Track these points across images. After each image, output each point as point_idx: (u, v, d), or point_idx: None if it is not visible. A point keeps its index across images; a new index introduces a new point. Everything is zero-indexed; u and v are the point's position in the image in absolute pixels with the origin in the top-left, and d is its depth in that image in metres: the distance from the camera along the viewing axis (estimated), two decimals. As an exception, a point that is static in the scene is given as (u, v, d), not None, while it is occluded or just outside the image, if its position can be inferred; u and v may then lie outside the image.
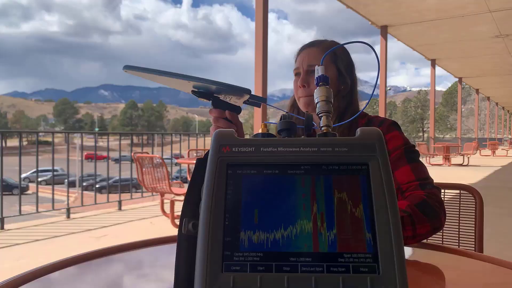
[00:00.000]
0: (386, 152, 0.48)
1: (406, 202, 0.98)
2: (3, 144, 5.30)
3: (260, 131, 0.55)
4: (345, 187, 0.46)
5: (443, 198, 1.29)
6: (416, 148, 1.14)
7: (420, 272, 0.82)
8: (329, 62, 1.21)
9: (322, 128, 0.53)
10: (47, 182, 29.85)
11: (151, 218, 5.17)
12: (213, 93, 0.86)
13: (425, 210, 0.96)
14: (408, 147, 1.12)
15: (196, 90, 0.83)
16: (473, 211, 1.35)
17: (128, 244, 0.96)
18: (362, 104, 1.27)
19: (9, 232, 4.45)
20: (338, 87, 1.22)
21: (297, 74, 1.25)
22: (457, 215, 1.41)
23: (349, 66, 1.25)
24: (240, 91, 0.81)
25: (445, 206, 1.04)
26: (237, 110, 0.94)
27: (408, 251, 0.97)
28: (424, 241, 1.00)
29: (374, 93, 1.26)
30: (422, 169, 1.09)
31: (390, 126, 1.16)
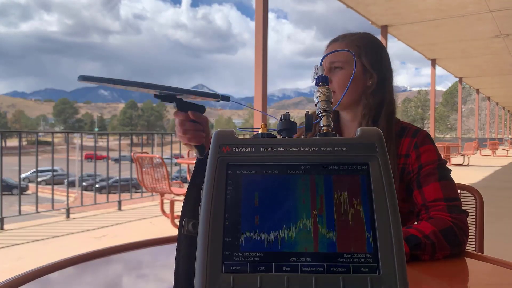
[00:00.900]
0: (387, 152, 0.48)
1: (431, 226, 0.95)
2: (3, 144, 5.29)
3: (260, 131, 0.55)
4: (345, 187, 0.46)
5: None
6: (448, 166, 1.10)
7: (420, 272, 0.82)
8: (352, 58, 1.15)
9: (322, 128, 0.53)
10: (46, 182, 29.82)
11: (151, 218, 5.17)
12: (176, 96, 0.87)
13: (449, 238, 0.93)
14: (441, 163, 1.08)
15: (158, 94, 0.84)
16: (474, 211, 1.35)
17: (128, 244, 0.96)
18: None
19: (9, 232, 4.45)
20: (364, 83, 1.16)
21: None
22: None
23: (377, 60, 1.16)
24: (208, 96, 0.83)
25: None
26: (201, 109, 0.93)
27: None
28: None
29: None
30: (452, 188, 1.05)
31: (425, 138, 1.12)
